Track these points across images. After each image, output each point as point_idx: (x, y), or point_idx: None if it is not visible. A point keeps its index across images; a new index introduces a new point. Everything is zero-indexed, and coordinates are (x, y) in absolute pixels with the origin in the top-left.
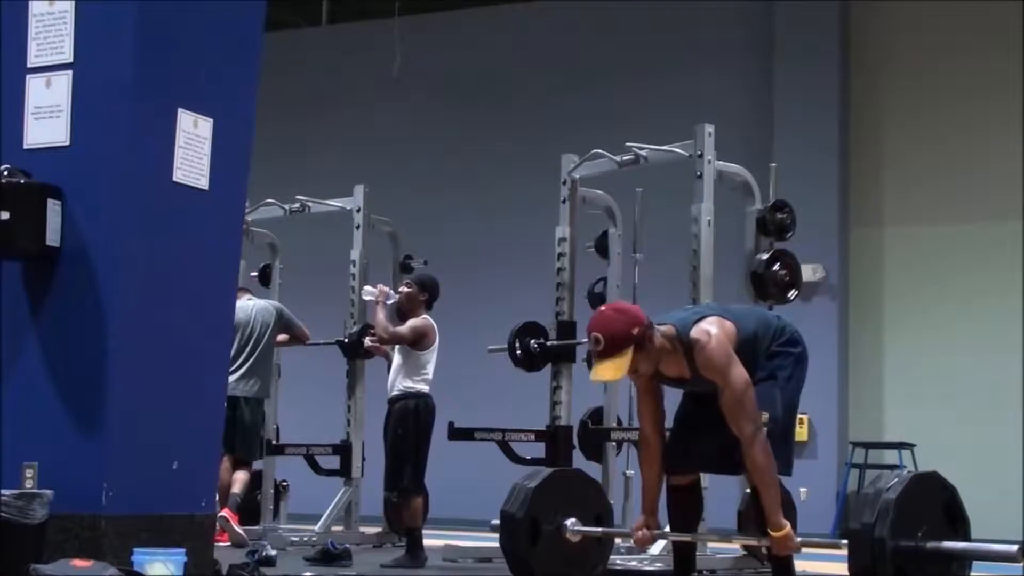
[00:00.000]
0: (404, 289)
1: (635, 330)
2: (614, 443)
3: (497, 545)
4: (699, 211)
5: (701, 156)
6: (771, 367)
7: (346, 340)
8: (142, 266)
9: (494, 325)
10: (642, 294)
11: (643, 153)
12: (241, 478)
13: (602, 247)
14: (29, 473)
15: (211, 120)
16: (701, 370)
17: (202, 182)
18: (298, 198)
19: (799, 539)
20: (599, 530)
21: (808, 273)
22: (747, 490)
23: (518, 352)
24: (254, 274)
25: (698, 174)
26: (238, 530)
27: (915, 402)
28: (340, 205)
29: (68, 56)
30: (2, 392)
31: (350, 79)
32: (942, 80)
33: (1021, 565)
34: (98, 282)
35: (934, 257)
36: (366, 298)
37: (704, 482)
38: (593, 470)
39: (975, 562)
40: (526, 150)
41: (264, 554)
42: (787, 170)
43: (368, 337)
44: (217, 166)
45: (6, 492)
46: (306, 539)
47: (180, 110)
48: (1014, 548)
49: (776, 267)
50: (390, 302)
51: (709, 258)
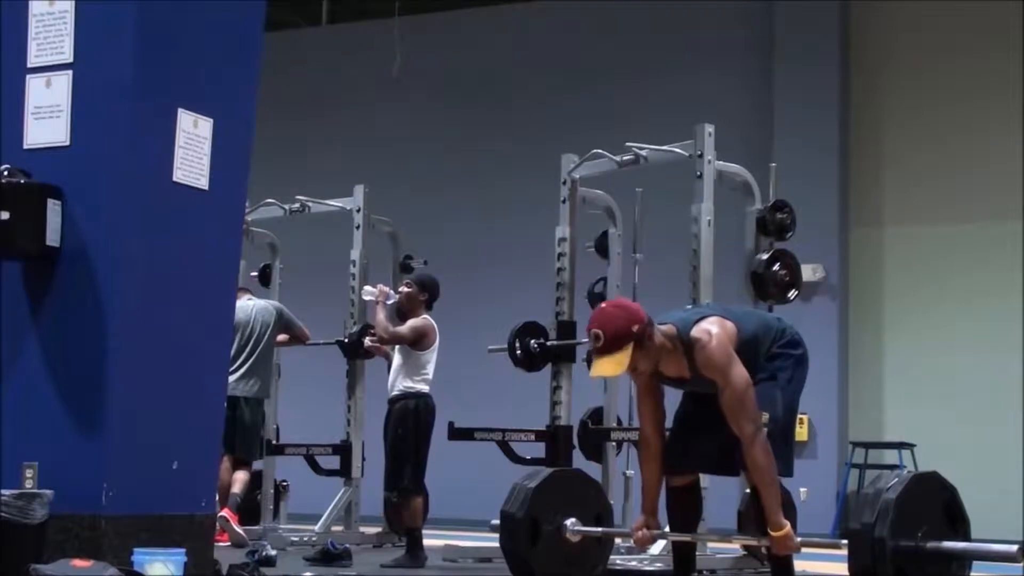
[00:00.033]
0: (404, 289)
1: (635, 327)
2: (614, 443)
3: (497, 545)
4: (699, 211)
5: (701, 156)
6: (771, 368)
7: (346, 340)
8: (142, 266)
9: (494, 325)
10: (642, 294)
11: (643, 153)
12: (241, 478)
13: (602, 247)
14: (29, 473)
15: (211, 120)
16: (701, 369)
17: (202, 182)
18: (298, 198)
19: (799, 539)
20: (599, 530)
21: (808, 273)
22: (747, 490)
23: (518, 352)
24: (254, 274)
25: (698, 174)
26: (238, 530)
27: (915, 402)
28: (340, 205)
29: (68, 56)
30: (2, 392)
31: (350, 79)
32: (942, 80)
33: (1021, 565)
34: (98, 282)
35: (934, 257)
36: (366, 298)
37: (704, 482)
38: (593, 470)
39: (975, 562)
40: (526, 150)
41: (264, 554)
42: (787, 170)
43: (368, 337)
44: (217, 166)
45: (6, 492)
46: (306, 539)
47: (180, 110)
48: (1014, 548)
49: (776, 267)
50: (390, 302)
51: (709, 258)
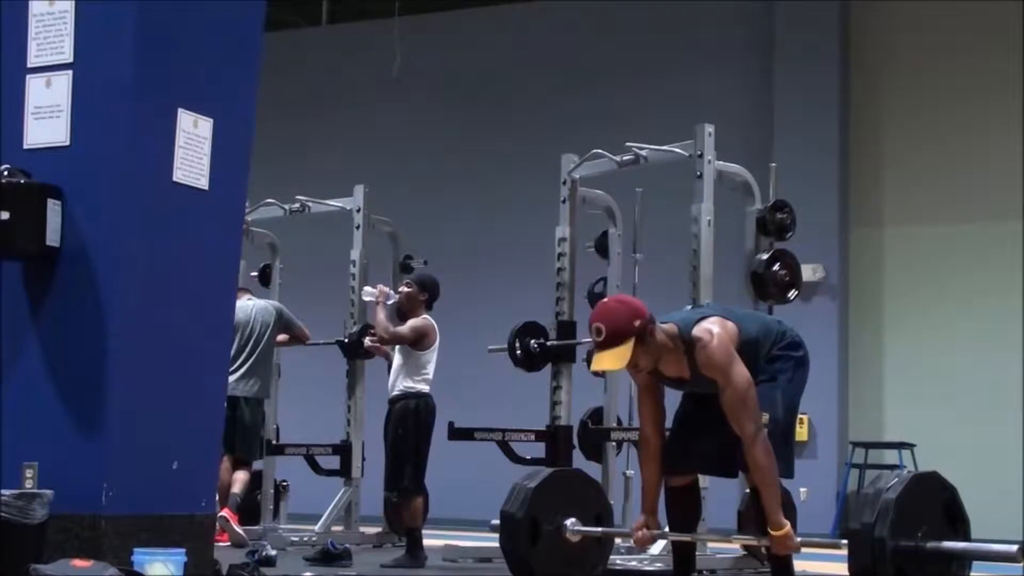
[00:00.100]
0: (404, 289)
1: (637, 322)
2: (614, 443)
3: (497, 545)
4: (699, 211)
5: (701, 156)
6: (772, 370)
7: (346, 340)
8: (142, 266)
9: (494, 325)
10: (642, 294)
11: (643, 153)
12: (241, 478)
13: (602, 247)
14: (29, 473)
15: (211, 120)
16: (702, 369)
17: (202, 182)
18: (298, 198)
19: (799, 539)
20: (599, 530)
21: (808, 273)
22: (747, 490)
23: (518, 352)
24: (254, 274)
25: (698, 174)
26: (238, 530)
27: (915, 402)
28: (340, 205)
29: (68, 56)
30: (2, 392)
31: (350, 79)
32: (942, 80)
33: (1021, 565)
34: (98, 282)
35: (934, 257)
36: (366, 299)
37: (704, 482)
38: (593, 470)
39: (975, 562)
40: (526, 150)
41: (264, 554)
42: (787, 170)
43: (368, 337)
44: (217, 166)
45: (6, 492)
46: (306, 539)
47: (180, 110)
48: (1014, 548)
49: (776, 267)
50: (390, 302)
51: (709, 258)
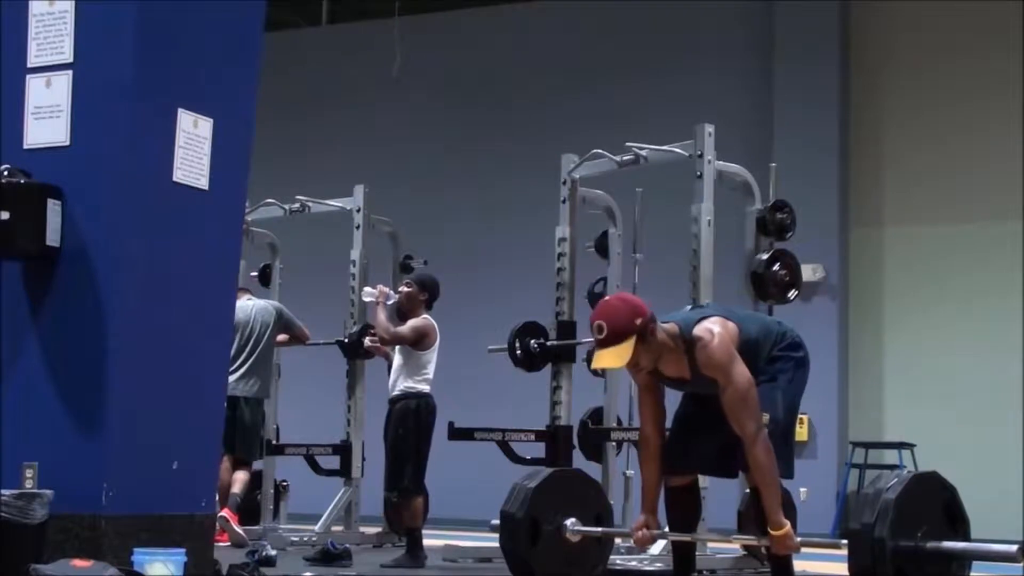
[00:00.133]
0: (404, 289)
1: (638, 320)
2: (614, 443)
3: (497, 545)
4: (699, 211)
5: (701, 156)
6: (772, 371)
7: (346, 340)
8: (142, 266)
9: (494, 325)
10: (642, 294)
11: (643, 153)
12: (241, 478)
13: (602, 247)
14: (29, 473)
15: (211, 120)
16: (703, 368)
17: (202, 182)
18: (298, 198)
19: (799, 539)
20: (599, 530)
21: (808, 273)
22: (747, 490)
23: (518, 352)
24: (254, 274)
25: (698, 174)
26: (238, 530)
27: (915, 402)
28: (340, 205)
29: (68, 56)
30: (2, 392)
31: (350, 79)
32: (942, 80)
33: (1021, 565)
34: (98, 282)
35: (934, 257)
36: (366, 299)
37: (704, 482)
38: (593, 470)
39: (975, 562)
40: (526, 150)
41: (264, 554)
42: (787, 170)
43: (368, 337)
44: (217, 166)
45: (6, 492)
46: (306, 539)
47: (180, 110)
48: (1014, 548)
49: (776, 267)
50: (390, 302)
51: (709, 258)
